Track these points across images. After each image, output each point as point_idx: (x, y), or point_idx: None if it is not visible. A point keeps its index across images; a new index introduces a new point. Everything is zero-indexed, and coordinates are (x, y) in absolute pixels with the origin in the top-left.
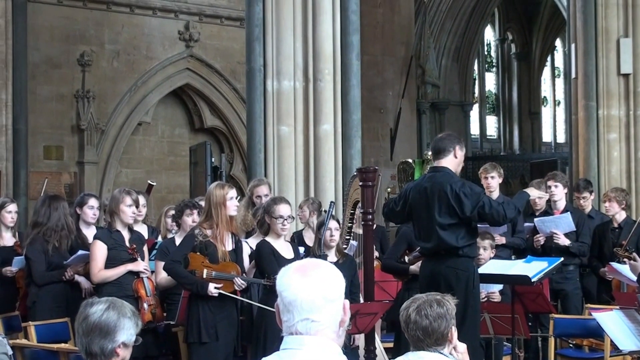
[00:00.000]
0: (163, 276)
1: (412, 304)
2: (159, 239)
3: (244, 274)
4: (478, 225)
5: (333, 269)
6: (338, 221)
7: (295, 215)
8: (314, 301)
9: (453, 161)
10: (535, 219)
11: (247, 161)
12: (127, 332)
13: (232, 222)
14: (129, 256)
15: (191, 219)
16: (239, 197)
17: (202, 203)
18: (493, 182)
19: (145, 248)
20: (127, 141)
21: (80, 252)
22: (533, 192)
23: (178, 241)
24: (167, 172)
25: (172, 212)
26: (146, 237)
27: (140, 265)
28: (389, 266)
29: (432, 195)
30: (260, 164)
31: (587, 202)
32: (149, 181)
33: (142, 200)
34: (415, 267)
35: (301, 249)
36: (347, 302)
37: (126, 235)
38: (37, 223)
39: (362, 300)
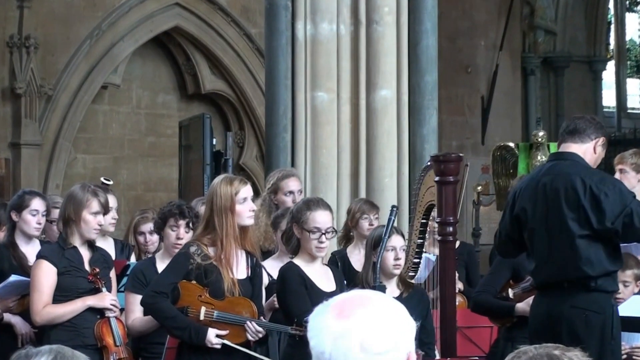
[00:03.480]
0: (139, 316)
1: None
2: (132, 259)
3: (261, 317)
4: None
5: (391, 306)
6: (403, 236)
7: (337, 226)
8: (347, 354)
9: (590, 154)
10: None
11: (266, 144)
12: None
13: (247, 236)
14: (90, 285)
15: (175, 234)
16: (253, 197)
17: (202, 209)
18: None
19: (112, 273)
20: (85, 113)
21: (13, 277)
22: None
23: (160, 264)
24: (144, 159)
25: (149, 222)
26: (113, 256)
27: (106, 299)
28: (484, 303)
29: (555, 194)
30: (285, 149)
31: None
32: (103, 179)
33: (112, 201)
34: (524, 306)
35: None
36: (414, 355)
37: (85, 253)
38: None
39: (437, 355)
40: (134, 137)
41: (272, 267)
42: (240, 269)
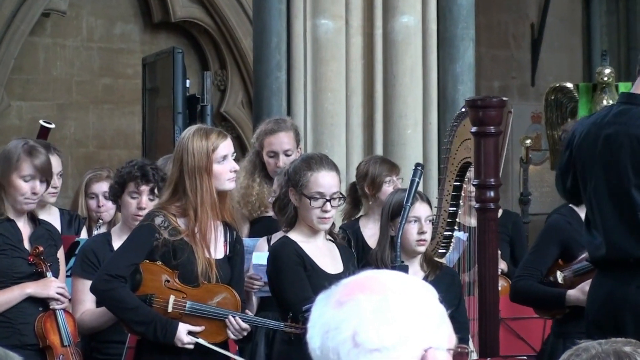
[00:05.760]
0: (90, 307)
1: None
2: (83, 234)
3: (246, 310)
4: None
5: (407, 290)
6: (430, 203)
7: (345, 191)
8: (338, 349)
9: None
10: None
11: (254, 87)
12: None
13: (225, 204)
14: (31, 269)
15: (136, 203)
16: (234, 155)
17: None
18: None
19: (61, 253)
20: (21, 48)
21: None
22: None
23: (117, 242)
24: (98, 107)
25: (104, 181)
26: (59, 230)
27: (50, 287)
28: (526, 291)
29: (618, 152)
30: (279, 92)
31: None
32: (43, 121)
33: (55, 162)
34: (577, 293)
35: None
36: (440, 353)
37: (25, 228)
38: None
39: (474, 355)
40: (84, 79)
41: (265, 244)
42: (217, 247)
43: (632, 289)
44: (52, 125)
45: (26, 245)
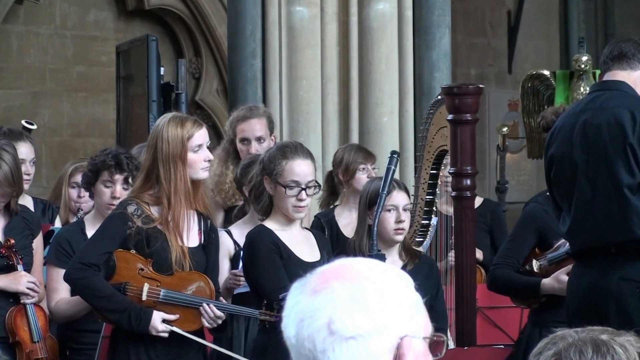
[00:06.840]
0: (65, 296)
1: (548, 348)
2: (57, 223)
3: (220, 298)
4: None
5: (382, 278)
6: (407, 191)
7: (321, 179)
8: (314, 338)
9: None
10: None
11: (229, 74)
12: None
13: (198, 193)
14: (2, 262)
15: (110, 192)
16: (209, 144)
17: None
18: None
19: (38, 241)
20: None
21: None
22: None
23: (91, 230)
24: (72, 95)
25: (79, 172)
26: None
27: (20, 281)
28: (503, 280)
29: (597, 133)
30: (254, 80)
31: None
32: (24, 122)
33: (26, 151)
34: (552, 282)
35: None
36: (415, 341)
37: None
38: None
39: (451, 344)
40: (58, 67)
41: (241, 234)
42: (191, 236)
43: (614, 280)
44: (34, 127)
45: None
